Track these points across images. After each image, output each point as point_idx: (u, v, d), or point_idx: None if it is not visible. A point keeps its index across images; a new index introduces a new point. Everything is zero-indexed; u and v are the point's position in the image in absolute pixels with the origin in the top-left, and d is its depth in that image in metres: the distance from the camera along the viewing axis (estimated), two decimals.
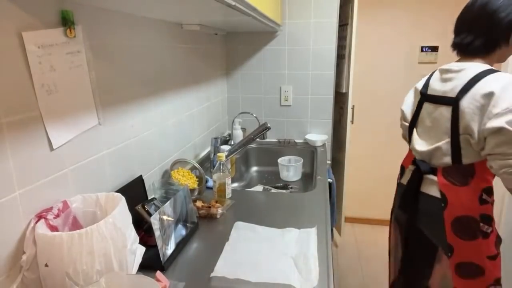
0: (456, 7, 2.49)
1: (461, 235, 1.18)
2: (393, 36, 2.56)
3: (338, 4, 1.92)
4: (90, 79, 0.90)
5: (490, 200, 1.16)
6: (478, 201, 1.14)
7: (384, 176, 2.84)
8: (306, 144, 2.09)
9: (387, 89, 2.67)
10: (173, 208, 0.99)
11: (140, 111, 1.17)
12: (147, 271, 0.81)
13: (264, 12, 1.32)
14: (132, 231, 0.79)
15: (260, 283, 0.85)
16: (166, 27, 1.33)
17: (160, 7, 0.99)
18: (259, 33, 2.03)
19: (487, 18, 1.13)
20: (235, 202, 1.31)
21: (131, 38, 1.10)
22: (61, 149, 0.81)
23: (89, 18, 0.89)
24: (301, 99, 2.10)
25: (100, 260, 0.69)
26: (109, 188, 1.02)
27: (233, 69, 2.13)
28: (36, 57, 0.72)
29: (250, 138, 1.65)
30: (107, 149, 1.00)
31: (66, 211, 0.79)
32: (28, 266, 0.70)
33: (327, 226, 1.12)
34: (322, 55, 2.00)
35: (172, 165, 1.37)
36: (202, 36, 1.72)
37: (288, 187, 1.73)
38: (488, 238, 1.16)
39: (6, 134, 0.67)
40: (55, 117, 0.78)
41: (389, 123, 2.70)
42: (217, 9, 1.05)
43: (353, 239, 2.76)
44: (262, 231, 1.10)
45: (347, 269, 2.39)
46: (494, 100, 1.05)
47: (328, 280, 0.86)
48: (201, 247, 1.02)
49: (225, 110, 2.18)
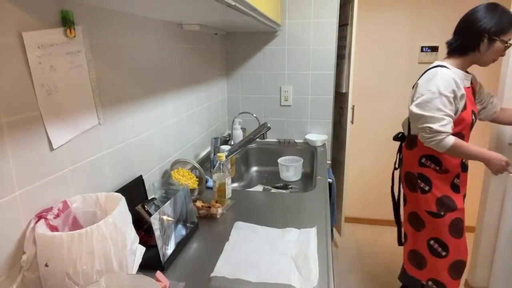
0: (456, 7, 2.50)
1: (408, 186, 1.62)
2: (393, 36, 2.56)
3: (338, 4, 1.92)
4: (90, 79, 0.90)
5: (429, 165, 1.52)
6: (417, 163, 1.54)
7: (384, 176, 2.83)
8: (306, 144, 2.09)
9: (387, 89, 2.67)
10: (173, 208, 0.99)
11: (140, 111, 1.17)
12: (147, 271, 0.81)
13: (264, 12, 1.32)
14: (132, 231, 0.79)
15: (260, 283, 0.85)
16: (166, 27, 1.33)
17: (160, 7, 0.99)
18: (259, 33, 2.03)
19: (467, 26, 1.41)
20: (235, 202, 1.32)
21: (131, 38, 1.10)
22: (61, 149, 0.81)
23: (89, 18, 0.89)
24: (301, 99, 2.10)
25: (100, 260, 0.69)
26: (109, 188, 1.02)
27: (233, 69, 2.13)
28: (36, 57, 0.72)
29: (250, 138, 1.65)
30: (107, 149, 1.00)
31: (66, 211, 0.79)
32: (28, 266, 0.70)
33: (327, 226, 1.13)
34: (322, 55, 2.00)
35: (172, 165, 1.37)
36: (202, 36, 1.72)
37: (288, 187, 1.73)
38: (425, 194, 1.53)
39: (6, 134, 0.67)
40: (55, 117, 0.78)
41: (389, 123, 2.70)
42: (217, 9, 1.05)
43: (353, 239, 2.76)
44: (262, 231, 1.10)
45: (347, 269, 2.39)
46: (416, 90, 1.44)
47: (328, 280, 0.86)
48: (201, 247, 1.02)
49: (225, 110, 2.18)
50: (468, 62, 1.46)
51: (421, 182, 1.54)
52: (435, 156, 1.49)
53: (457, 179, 1.52)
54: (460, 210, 1.51)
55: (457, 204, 1.50)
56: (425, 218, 1.55)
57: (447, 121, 1.36)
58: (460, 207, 1.51)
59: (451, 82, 1.36)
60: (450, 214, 1.50)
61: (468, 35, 1.40)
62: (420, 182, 1.54)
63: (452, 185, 1.51)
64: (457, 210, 1.50)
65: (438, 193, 1.51)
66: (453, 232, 1.51)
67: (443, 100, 1.35)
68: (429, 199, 1.52)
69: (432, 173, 1.51)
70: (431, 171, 1.51)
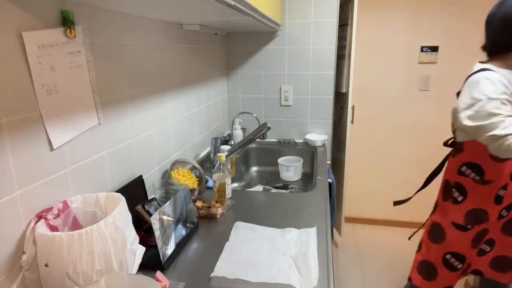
0: (456, 7, 2.50)
1: (442, 194, 1.48)
2: (393, 36, 2.56)
3: (338, 4, 1.92)
4: (90, 79, 0.90)
5: (468, 174, 1.38)
6: (456, 171, 1.41)
7: (384, 176, 2.84)
8: (306, 144, 2.09)
9: (387, 89, 2.67)
10: (173, 208, 0.99)
11: (140, 111, 1.17)
12: (147, 271, 0.81)
13: (264, 12, 1.32)
14: (132, 231, 0.79)
15: (260, 283, 0.85)
16: (166, 27, 1.33)
17: (160, 7, 0.99)
18: (259, 33, 2.03)
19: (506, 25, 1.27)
20: (235, 202, 1.32)
21: (131, 38, 1.10)
22: (61, 149, 0.81)
23: (89, 18, 0.89)
24: (301, 99, 2.10)
25: (100, 260, 0.69)
26: (109, 188, 1.02)
27: (233, 69, 2.13)
28: (36, 57, 0.72)
29: (250, 138, 1.65)
30: (107, 149, 1.00)
31: (66, 211, 0.79)
32: (28, 266, 0.70)
33: (327, 226, 1.13)
34: (322, 55, 2.00)
35: (172, 165, 1.37)
36: (202, 36, 1.72)
37: (288, 187, 1.73)
38: (457, 204, 1.41)
39: (6, 134, 0.67)
40: (55, 117, 0.78)
41: (389, 123, 2.70)
42: (217, 9, 1.05)
43: (353, 239, 2.75)
44: (262, 231, 1.10)
45: (347, 269, 2.39)
46: (461, 99, 1.31)
47: (328, 280, 0.86)
48: (201, 247, 1.02)
49: (225, 110, 2.18)
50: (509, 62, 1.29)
51: (455, 191, 1.41)
52: (478, 164, 1.35)
53: (503, 190, 1.35)
54: (491, 223, 1.39)
55: (490, 216, 1.37)
56: (449, 230, 1.42)
57: (508, 122, 1.18)
58: (493, 220, 1.38)
59: (498, 85, 1.22)
60: (478, 226, 1.39)
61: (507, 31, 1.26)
62: (454, 192, 1.41)
63: (496, 196, 1.36)
64: (487, 223, 1.38)
65: (471, 204, 1.38)
66: (475, 242, 1.42)
67: (496, 104, 1.20)
68: (458, 210, 1.40)
69: (470, 183, 1.37)
70: (469, 180, 1.37)
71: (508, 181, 1.35)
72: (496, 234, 1.44)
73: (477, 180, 1.36)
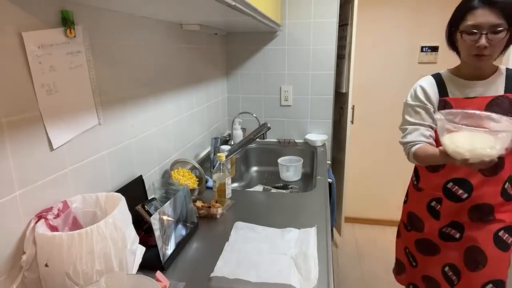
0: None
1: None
2: (393, 36, 2.56)
3: (338, 4, 1.92)
4: (90, 79, 0.90)
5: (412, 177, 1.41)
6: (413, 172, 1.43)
7: (384, 176, 2.84)
8: (306, 144, 2.09)
9: (387, 89, 2.66)
10: (173, 208, 0.99)
11: (140, 111, 1.17)
12: (147, 271, 0.81)
13: (264, 12, 1.32)
14: (132, 231, 0.79)
15: (260, 283, 0.85)
16: (166, 27, 1.33)
17: (160, 7, 0.99)
18: (259, 33, 2.03)
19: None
20: (235, 202, 1.31)
21: (131, 38, 1.10)
22: (61, 149, 0.81)
23: (89, 18, 0.89)
24: (301, 99, 2.10)
25: (100, 260, 0.69)
26: (109, 188, 1.02)
27: (233, 69, 2.13)
28: (36, 57, 0.72)
29: (250, 138, 1.65)
30: (107, 149, 1.00)
31: (66, 211, 0.79)
32: (28, 266, 0.70)
33: (327, 226, 1.13)
34: (322, 55, 2.00)
35: (172, 165, 1.37)
36: (202, 36, 1.72)
37: (288, 187, 1.73)
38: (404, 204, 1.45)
39: (6, 134, 0.67)
40: (55, 117, 0.78)
41: (389, 123, 2.70)
42: (217, 9, 1.05)
43: (353, 239, 2.75)
44: (262, 231, 1.10)
45: (347, 269, 2.39)
46: None
47: (328, 280, 0.86)
48: (201, 247, 1.02)
49: (225, 110, 2.18)
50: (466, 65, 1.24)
51: (406, 195, 1.48)
52: (417, 169, 1.39)
53: (437, 204, 1.30)
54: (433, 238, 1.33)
55: (425, 227, 1.34)
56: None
57: (410, 130, 1.25)
58: (430, 232, 1.33)
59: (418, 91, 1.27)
60: (416, 233, 1.38)
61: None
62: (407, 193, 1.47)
63: (428, 207, 1.32)
64: (422, 233, 1.36)
65: (410, 207, 1.42)
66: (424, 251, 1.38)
67: (408, 110, 1.28)
68: (404, 210, 1.47)
69: (410, 187, 1.44)
70: (411, 183, 1.44)
71: (442, 195, 1.28)
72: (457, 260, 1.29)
73: (415, 185, 1.40)
